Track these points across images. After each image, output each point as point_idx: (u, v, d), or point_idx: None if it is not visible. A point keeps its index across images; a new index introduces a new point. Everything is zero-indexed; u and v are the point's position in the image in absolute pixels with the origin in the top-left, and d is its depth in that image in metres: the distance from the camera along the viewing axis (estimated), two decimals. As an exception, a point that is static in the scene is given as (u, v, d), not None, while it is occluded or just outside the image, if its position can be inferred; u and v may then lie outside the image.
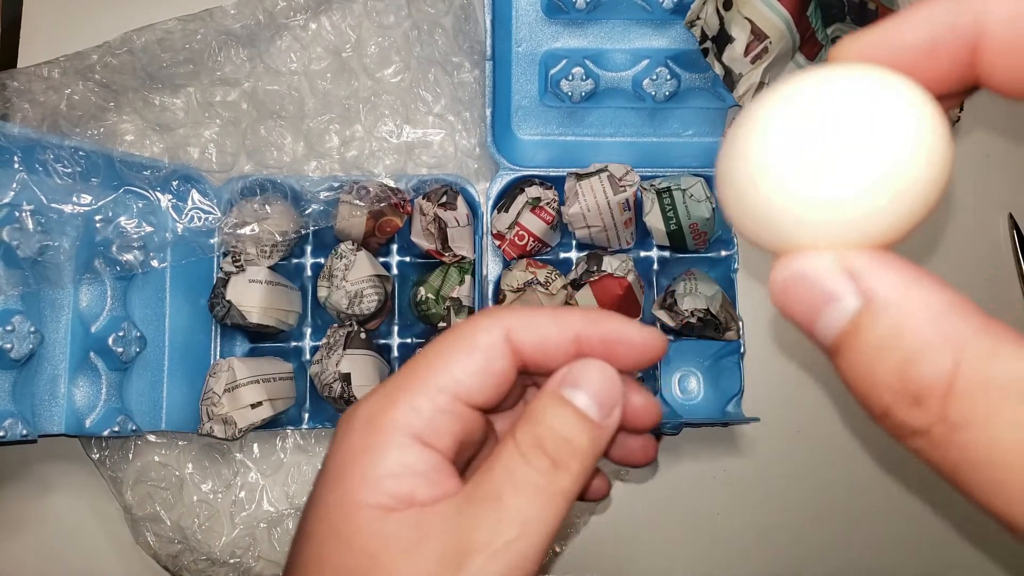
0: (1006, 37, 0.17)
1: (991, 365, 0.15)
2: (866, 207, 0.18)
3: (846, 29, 0.60)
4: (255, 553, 0.60)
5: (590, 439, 0.26)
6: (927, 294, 0.17)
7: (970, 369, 0.16)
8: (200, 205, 0.59)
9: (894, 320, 0.17)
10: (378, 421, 0.26)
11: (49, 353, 0.54)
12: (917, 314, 0.17)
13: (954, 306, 0.16)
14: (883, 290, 0.17)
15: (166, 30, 0.61)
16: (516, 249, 0.61)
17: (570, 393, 0.26)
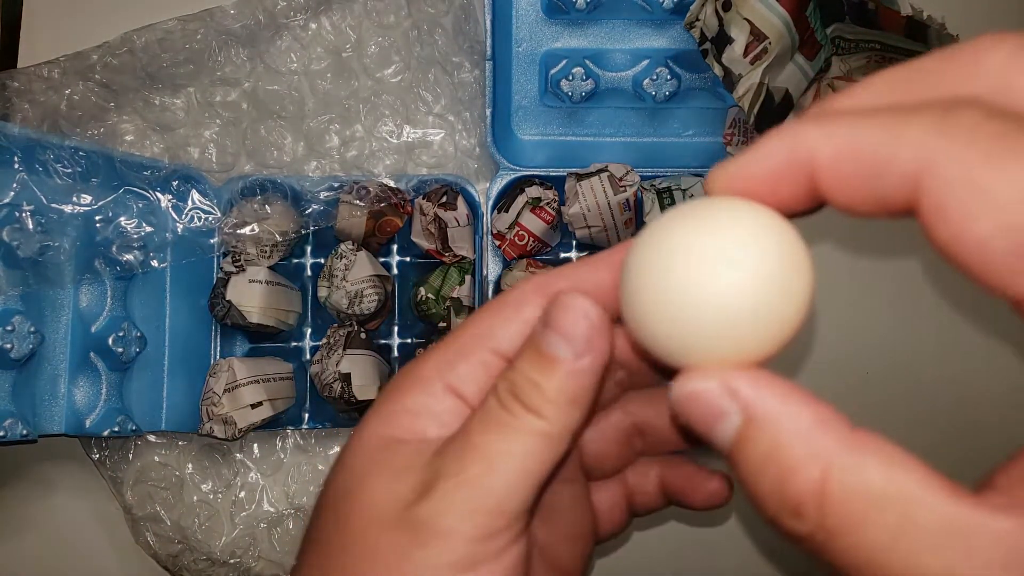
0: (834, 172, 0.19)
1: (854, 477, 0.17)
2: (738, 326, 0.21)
3: (846, 29, 0.60)
4: (255, 553, 0.60)
5: (561, 382, 0.24)
6: (797, 411, 0.19)
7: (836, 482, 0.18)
8: (200, 205, 0.59)
9: (771, 437, 0.19)
10: (415, 371, 0.28)
11: (49, 353, 0.54)
12: (789, 431, 0.19)
13: (820, 421, 0.19)
14: (760, 409, 0.19)
15: (166, 30, 0.61)
16: (516, 249, 0.61)
17: (541, 334, 0.25)
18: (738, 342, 0.21)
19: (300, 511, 0.61)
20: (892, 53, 0.60)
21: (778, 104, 0.58)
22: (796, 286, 0.21)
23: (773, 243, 0.21)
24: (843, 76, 0.63)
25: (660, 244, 0.22)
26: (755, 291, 0.21)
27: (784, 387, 0.20)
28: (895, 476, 0.17)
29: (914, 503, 0.17)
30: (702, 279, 0.21)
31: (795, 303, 0.21)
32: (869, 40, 0.60)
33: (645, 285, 0.22)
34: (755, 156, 0.21)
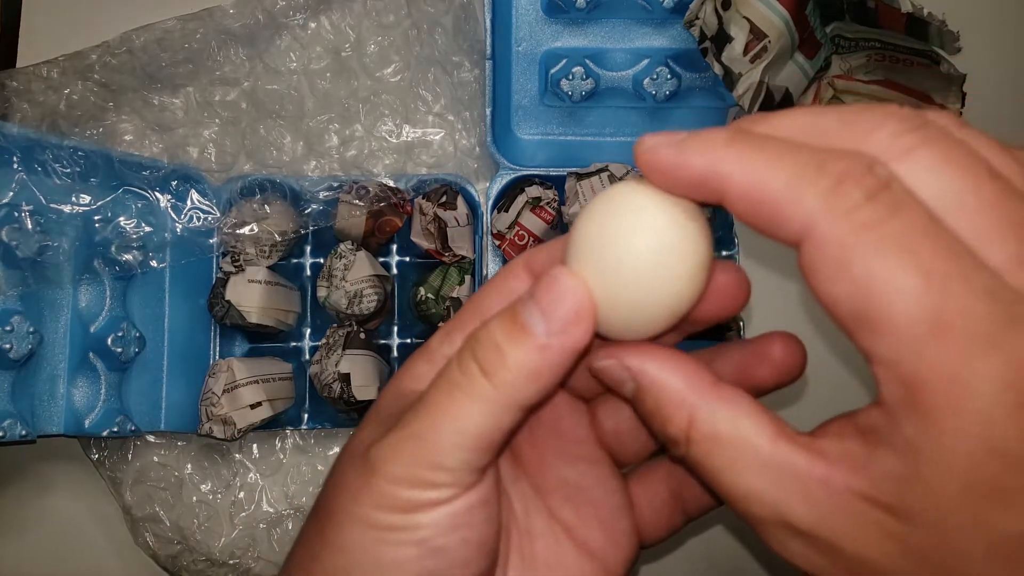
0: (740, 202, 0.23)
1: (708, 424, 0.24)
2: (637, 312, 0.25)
3: (845, 28, 0.60)
4: (254, 554, 0.60)
5: (524, 354, 0.25)
6: (671, 377, 0.25)
7: (695, 429, 0.24)
8: (199, 205, 0.59)
9: (653, 397, 0.25)
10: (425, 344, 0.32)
11: (48, 353, 0.54)
12: (665, 392, 0.25)
13: (689, 383, 0.25)
14: (645, 378, 0.26)
15: (165, 30, 0.61)
16: (516, 249, 0.61)
17: (522, 302, 0.26)
18: (638, 323, 0.26)
19: (299, 511, 0.61)
20: (892, 51, 0.60)
21: (778, 103, 0.58)
22: (686, 271, 0.25)
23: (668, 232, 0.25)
24: (843, 75, 0.63)
25: (579, 233, 0.26)
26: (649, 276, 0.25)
27: (663, 356, 0.26)
28: (737, 426, 0.24)
29: (745, 443, 0.23)
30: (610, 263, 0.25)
31: (683, 286, 0.25)
32: (869, 39, 0.60)
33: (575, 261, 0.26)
34: (678, 160, 0.24)
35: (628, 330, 0.26)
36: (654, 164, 0.24)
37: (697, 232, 0.25)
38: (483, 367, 0.25)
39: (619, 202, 0.25)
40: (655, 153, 0.24)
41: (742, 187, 0.22)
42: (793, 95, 0.60)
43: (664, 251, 0.25)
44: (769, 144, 0.22)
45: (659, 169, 0.24)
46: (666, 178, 0.24)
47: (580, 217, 0.26)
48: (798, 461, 0.22)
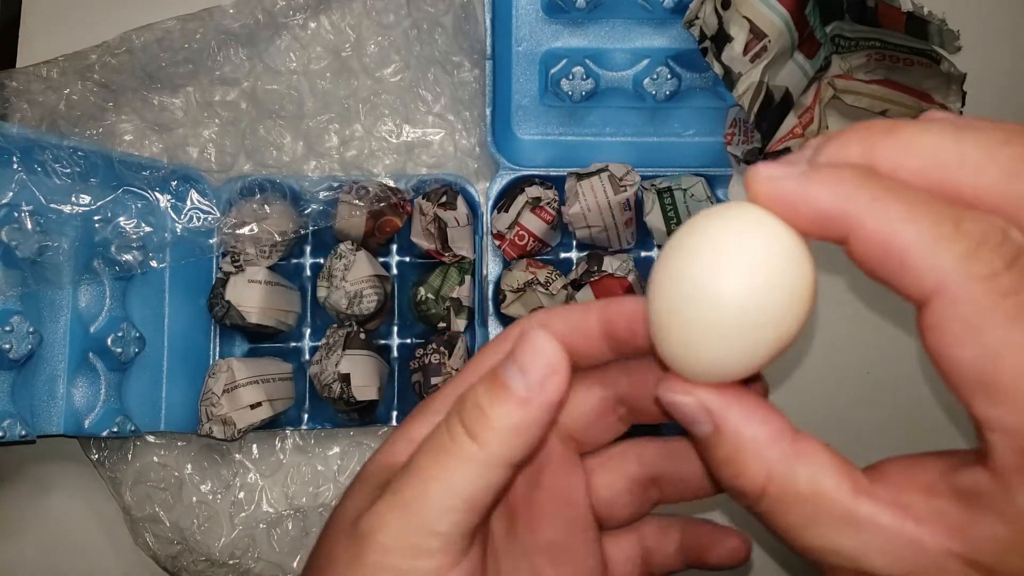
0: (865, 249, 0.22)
1: (786, 482, 0.24)
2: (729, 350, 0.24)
3: (845, 27, 0.60)
4: (254, 554, 0.60)
5: (506, 411, 0.26)
6: (754, 429, 0.24)
7: (773, 486, 0.24)
8: (199, 205, 0.59)
9: (731, 445, 0.25)
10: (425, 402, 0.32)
11: (48, 353, 0.54)
12: (745, 444, 0.24)
13: (770, 437, 0.24)
14: (725, 425, 0.25)
15: (165, 30, 0.61)
16: (516, 249, 0.61)
17: (502, 363, 0.26)
18: (728, 365, 0.24)
19: (299, 512, 0.61)
20: (892, 51, 0.60)
21: (778, 103, 0.58)
22: (792, 312, 0.23)
23: (776, 270, 0.23)
24: (843, 74, 0.63)
25: (670, 264, 0.24)
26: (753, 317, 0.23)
27: (749, 407, 0.25)
28: (817, 482, 0.23)
29: (824, 499, 0.23)
30: (701, 304, 0.23)
31: (787, 328, 0.24)
32: (869, 38, 0.60)
33: (660, 300, 0.25)
34: (802, 195, 0.23)
35: (713, 373, 0.25)
36: (773, 196, 0.23)
37: (808, 269, 0.24)
38: (469, 429, 0.26)
39: (725, 228, 0.24)
40: (775, 184, 0.23)
41: (873, 234, 0.21)
42: (793, 95, 0.60)
43: (774, 291, 0.23)
44: (903, 191, 0.21)
45: (779, 202, 0.23)
46: (784, 212, 0.23)
47: (677, 237, 0.25)
48: (883, 518, 0.22)
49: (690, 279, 0.24)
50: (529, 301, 0.59)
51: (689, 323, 0.24)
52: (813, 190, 0.22)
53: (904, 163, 0.22)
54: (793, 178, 0.23)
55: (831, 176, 0.22)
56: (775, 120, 0.59)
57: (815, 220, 0.23)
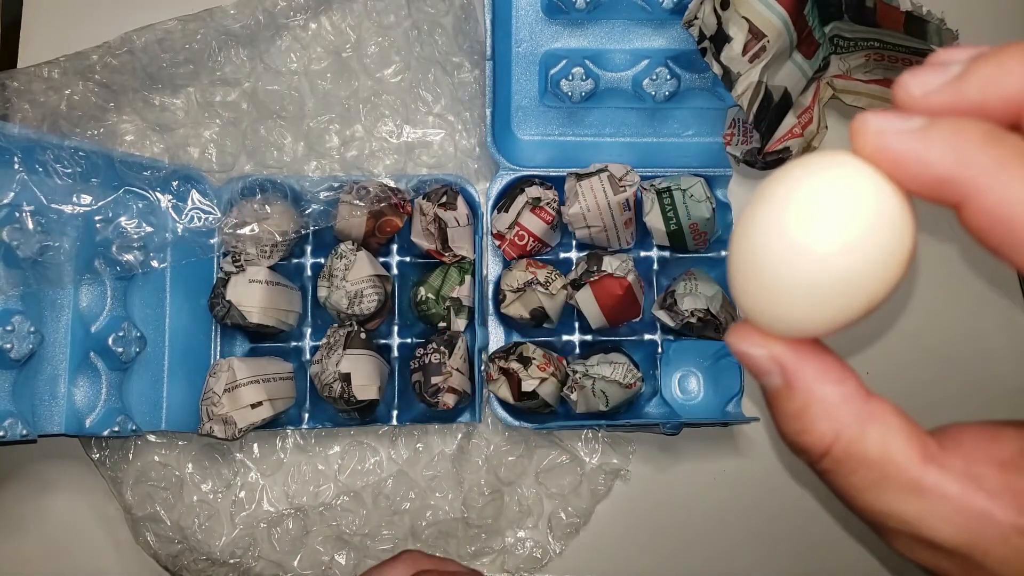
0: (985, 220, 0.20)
1: (855, 444, 0.23)
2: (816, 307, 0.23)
3: (844, 27, 0.60)
4: (255, 553, 0.60)
5: None
6: (827, 387, 0.24)
7: (840, 447, 0.23)
8: (200, 205, 0.59)
9: (801, 402, 0.24)
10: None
11: (49, 353, 0.54)
12: (816, 402, 0.24)
13: (843, 397, 0.24)
14: (798, 380, 0.24)
15: (166, 30, 0.61)
16: (516, 249, 0.61)
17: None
18: (811, 322, 0.23)
19: (300, 511, 0.61)
20: (891, 50, 0.60)
21: (777, 102, 0.58)
22: (885, 277, 0.22)
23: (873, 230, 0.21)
24: (842, 74, 0.63)
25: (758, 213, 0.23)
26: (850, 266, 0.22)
27: (824, 365, 0.24)
28: (886, 446, 0.23)
29: (892, 465, 0.23)
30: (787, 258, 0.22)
31: (878, 292, 0.22)
32: (868, 38, 0.60)
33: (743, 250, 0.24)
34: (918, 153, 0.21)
35: (791, 329, 0.24)
36: (882, 152, 0.21)
37: (909, 232, 0.22)
38: None
39: (821, 180, 0.22)
40: (886, 139, 0.21)
41: (995, 206, 0.20)
42: (792, 94, 0.60)
43: (869, 252, 0.21)
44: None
45: (888, 159, 0.21)
46: (895, 169, 0.21)
47: (768, 185, 0.23)
48: (951, 489, 0.22)
49: (777, 230, 0.22)
50: (529, 301, 0.59)
51: (772, 276, 0.23)
52: (931, 150, 0.20)
53: None
54: (908, 134, 0.21)
55: (953, 134, 0.20)
56: (774, 120, 0.60)
57: (927, 183, 0.21)
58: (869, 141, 0.21)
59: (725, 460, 0.64)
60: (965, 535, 0.22)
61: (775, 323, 0.24)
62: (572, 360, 0.61)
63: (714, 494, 0.63)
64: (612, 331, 0.62)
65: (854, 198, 0.21)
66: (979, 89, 0.21)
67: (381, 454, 0.62)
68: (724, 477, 0.63)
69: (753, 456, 0.64)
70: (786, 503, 0.63)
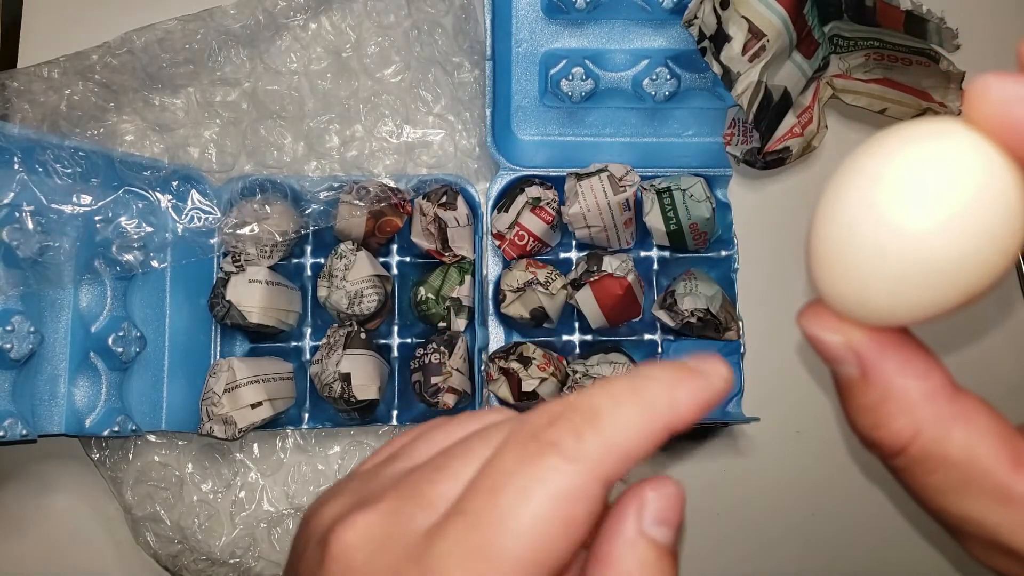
0: None
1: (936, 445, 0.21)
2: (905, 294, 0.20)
3: (843, 27, 0.60)
4: (255, 553, 0.60)
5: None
6: (909, 382, 0.22)
7: (918, 446, 0.22)
8: (200, 205, 0.59)
9: (880, 395, 0.22)
10: None
11: (49, 353, 0.54)
12: (896, 397, 0.22)
13: (926, 393, 0.22)
14: (877, 373, 0.22)
15: (166, 30, 0.61)
16: (516, 249, 0.61)
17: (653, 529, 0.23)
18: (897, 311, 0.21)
19: (300, 511, 0.61)
20: (891, 50, 0.60)
21: (777, 102, 0.58)
22: (990, 265, 0.20)
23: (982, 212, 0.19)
24: (842, 74, 0.63)
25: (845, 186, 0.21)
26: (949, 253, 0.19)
27: (907, 356, 0.22)
28: (972, 448, 0.21)
29: (977, 469, 0.21)
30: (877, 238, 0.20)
31: (980, 281, 0.20)
32: (867, 37, 0.60)
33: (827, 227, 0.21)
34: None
35: (874, 317, 0.22)
36: (1004, 122, 0.19)
37: (1020, 211, 0.19)
38: None
39: (923, 152, 0.20)
40: (1011, 108, 0.18)
41: None
42: (792, 94, 0.60)
43: (975, 237, 0.19)
44: None
45: (1010, 130, 0.19)
46: (1013, 143, 0.19)
47: (859, 158, 0.21)
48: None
49: (867, 207, 0.20)
50: (529, 301, 0.59)
51: (857, 258, 0.20)
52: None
53: None
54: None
55: None
56: (774, 119, 0.59)
57: None
58: (990, 109, 0.19)
59: (725, 460, 0.64)
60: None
61: (857, 308, 0.22)
62: (572, 360, 0.61)
63: (714, 494, 0.63)
64: (612, 331, 0.62)
65: (960, 173, 0.19)
66: None
67: (381, 454, 0.62)
68: (724, 477, 0.63)
69: (753, 456, 0.64)
70: (786, 503, 0.63)
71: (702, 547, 0.63)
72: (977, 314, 0.66)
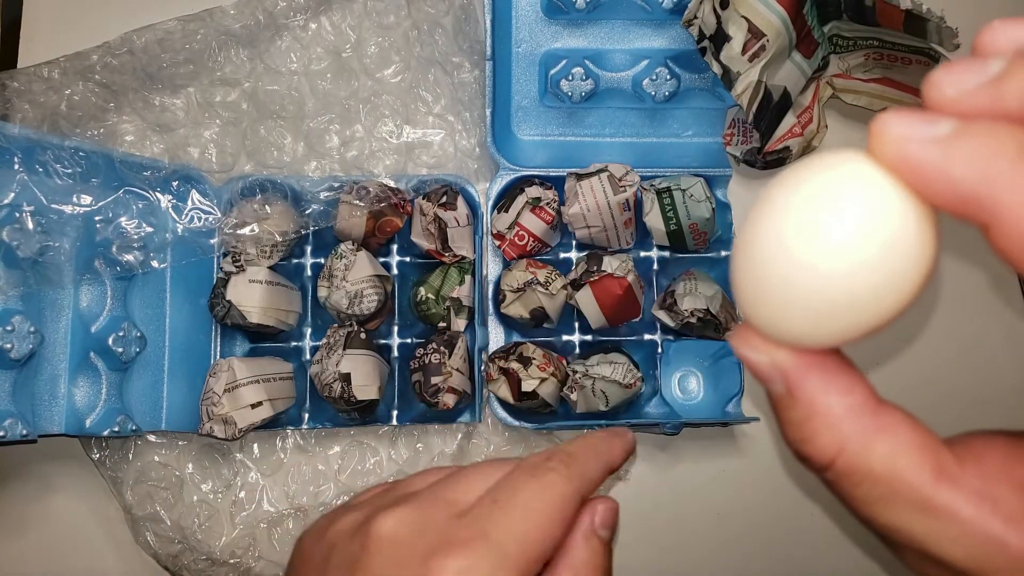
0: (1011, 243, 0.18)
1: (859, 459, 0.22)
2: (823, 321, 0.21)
3: (843, 27, 0.60)
4: (255, 553, 0.60)
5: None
6: (831, 399, 0.23)
7: (843, 460, 0.22)
8: (200, 205, 0.59)
9: (804, 411, 0.23)
10: None
11: (49, 353, 0.54)
12: (819, 413, 0.23)
13: (848, 408, 0.22)
14: (800, 390, 0.23)
15: (166, 30, 0.61)
16: (516, 249, 0.61)
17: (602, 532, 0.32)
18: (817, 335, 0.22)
19: (300, 511, 0.61)
20: (890, 49, 0.60)
21: (777, 102, 0.58)
22: (897, 297, 0.20)
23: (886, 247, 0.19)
24: (841, 74, 0.63)
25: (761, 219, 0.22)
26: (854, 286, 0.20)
27: (829, 373, 0.23)
28: (894, 461, 0.22)
29: (901, 481, 0.21)
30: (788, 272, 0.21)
31: (887, 312, 0.21)
32: (867, 37, 0.60)
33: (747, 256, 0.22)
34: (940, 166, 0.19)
35: (793, 341, 0.23)
36: (903, 161, 0.19)
37: (928, 251, 0.20)
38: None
39: (829, 188, 0.20)
40: (908, 148, 0.19)
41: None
42: (791, 94, 0.60)
43: (879, 271, 0.20)
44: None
45: (909, 170, 0.19)
46: (915, 181, 0.19)
47: (773, 189, 0.21)
48: (964, 510, 0.21)
49: (778, 241, 0.21)
50: (529, 301, 0.59)
51: (770, 289, 0.21)
52: (956, 165, 0.18)
53: None
54: (933, 144, 0.19)
55: (982, 147, 0.18)
56: (774, 119, 0.60)
57: (951, 200, 0.19)
58: (888, 147, 0.19)
59: (725, 460, 0.64)
60: (976, 559, 0.21)
61: (776, 332, 0.23)
62: (572, 360, 0.61)
63: (714, 494, 0.63)
64: (612, 331, 0.62)
65: (863, 212, 0.19)
66: (1020, 95, 0.18)
67: (381, 454, 0.62)
68: (724, 477, 0.63)
69: (753, 456, 0.64)
70: (786, 503, 0.63)
71: (702, 547, 0.63)
72: (978, 314, 0.66)
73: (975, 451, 0.22)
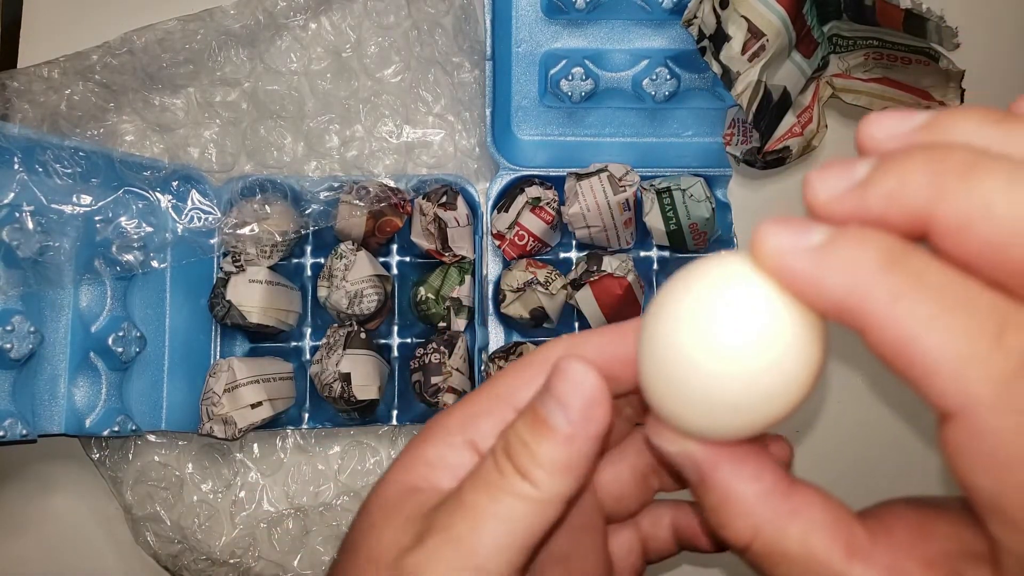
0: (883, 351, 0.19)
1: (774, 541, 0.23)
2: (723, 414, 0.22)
3: (843, 27, 0.60)
4: (255, 553, 0.60)
5: (553, 449, 0.25)
6: (743, 486, 0.24)
7: (759, 543, 0.23)
8: (200, 205, 0.59)
9: (718, 498, 0.24)
10: (441, 421, 0.29)
11: (49, 353, 0.54)
12: (732, 499, 0.24)
13: (760, 494, 0.23)
14: (712, 478, 0.24)
15: (166, 30, 0.61)
16: (516, 249, 0.61)
17: (540, 398, 0.26)
18: (720, 430, 0.23)
19: (300, 511, 0.61)
20: (890, 49, 0.60)
21: (776, 102, 0.58)
22: (786, 398, 0.21)
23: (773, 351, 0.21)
24: (841, 74, 0.63)
25: (657, 323, 0.22)
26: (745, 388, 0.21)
27: (739, 461, 0.24)
28: (807, 542, 0.22)
29: (816, 563, 0.22)
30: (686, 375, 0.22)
31: (777, 412, 0.22)
32: (867, 37, 0.60)
33: (648, 353, 0.23)
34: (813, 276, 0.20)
35: (704, 434, 0.23)
36: (780, 272, 0.20)
37: (813, 352, 0.21)
38: (517, 466, 0.25)
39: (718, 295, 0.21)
40: (783, 260, 0.20)
41: (891, 338, 0.19)
42: (791, 94, 0.60)
43: (766, 374, 0.21)
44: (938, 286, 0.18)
45: (787, 280, 0.20)
46: (794, 290, 0.20)
47: (667, 292, 0.22)
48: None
49: (675, 347, 0.22)
50: (529, 301, 0.59)
51: (670, 384, 0.22)
52: (826, 276, 0.19)
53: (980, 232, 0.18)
54: (805, 256, 0.20)
55: (849, 258, 0.19)
56: (774, 119, 0.60)
57: (827, 308, 0.20)
58: (766, 259, 0.20)
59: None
60: None
61: (683, 427, 0.23)
62: (572, 360, 0.61)
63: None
64: (612, 331, 0.62)
65: (751, 319, 0.20)
66: (881, 201, 0.19)
67: (381, 454, 0.62)
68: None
69: (753, 456, 0.64)
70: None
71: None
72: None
73: (885, 524, 0.23)
